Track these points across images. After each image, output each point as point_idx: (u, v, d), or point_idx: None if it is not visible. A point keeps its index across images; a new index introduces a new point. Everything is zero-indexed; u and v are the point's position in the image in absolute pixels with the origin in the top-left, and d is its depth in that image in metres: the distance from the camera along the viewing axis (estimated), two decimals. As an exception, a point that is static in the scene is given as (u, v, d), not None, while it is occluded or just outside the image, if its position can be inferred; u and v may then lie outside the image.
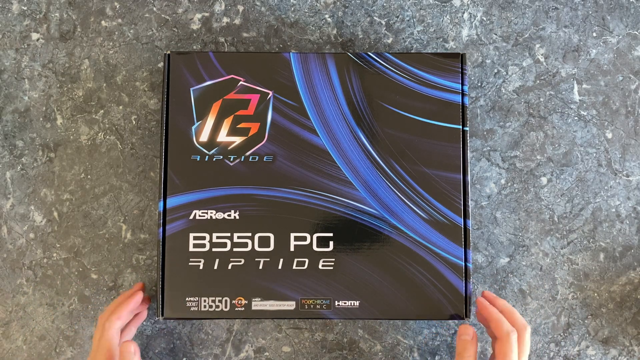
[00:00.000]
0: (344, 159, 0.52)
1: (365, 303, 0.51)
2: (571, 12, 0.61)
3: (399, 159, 0.52)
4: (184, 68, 0.53)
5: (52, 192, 0.58)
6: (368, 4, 0.61)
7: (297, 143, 0.52)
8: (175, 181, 0.52)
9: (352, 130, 0.53)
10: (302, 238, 0.51)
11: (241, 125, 0.53)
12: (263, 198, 0.52)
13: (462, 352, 0.48)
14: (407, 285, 0.51)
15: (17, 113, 0.59)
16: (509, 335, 0.47)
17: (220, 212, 0.52)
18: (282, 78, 0.53)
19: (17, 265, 0.58)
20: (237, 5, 0.61)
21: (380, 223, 0.52)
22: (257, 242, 0.51)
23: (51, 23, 0.60)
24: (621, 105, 0.60)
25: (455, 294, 0.51)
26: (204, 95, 0.53)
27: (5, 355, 0.57)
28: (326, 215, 0.52)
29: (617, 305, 0.58)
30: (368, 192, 0.52)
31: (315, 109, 0.53)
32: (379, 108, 0.53)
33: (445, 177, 0.52)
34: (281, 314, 0.51)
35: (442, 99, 0.53)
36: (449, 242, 0.51)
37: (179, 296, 0.51)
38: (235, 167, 0.52)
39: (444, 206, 0.52)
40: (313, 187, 0.52)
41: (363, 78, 0.53)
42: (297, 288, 0.51)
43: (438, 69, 0.53)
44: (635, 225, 0.59)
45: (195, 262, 0.51)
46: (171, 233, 0.51)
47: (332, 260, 0.51)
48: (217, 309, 0.50)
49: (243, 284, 0.51)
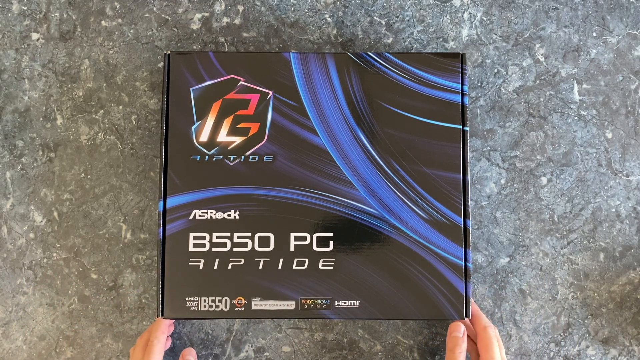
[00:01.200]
0: (344, 159, 0.52)
1: (365, 303, 0.51)
2: (571, 12, 0.61)
3: (399, 158, 0.52)
4: (184, 68, 0.53)
5: (52, 192, 0.58)
6: (368, 4, 0.61)
7: (297, 143, 0.52)
8: (175, 181, 0.52)
9: (352, 130, 0.53)
10: (302, 238, 0.51)
11: (241, 125, 0.53)
12: (263, 198, 0.52)
13: (453, 348, 0.50)
14: (407, 285, 0.51)
15: (17, 113, 0.59)
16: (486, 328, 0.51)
17: (220, 212, 0.52)
18: (282, 78, 0.53)
19: (17, 265, 0.58)
20: (237, 5, 0.61)
21: (380, 223, 0.52)
22: (257, 242, 0.51)
23: (51, 23, 0.60)
24: (621, 105, 0.60)
25: (455, 294, 0.51)
26: (204, 95, 0.53)
27: (5, 355, 0.57)
28: (326, 215, 0.52)
29: (617, 305, 0.58)
30: (368, 192, 0.52)
31: (315, 108, 0.53)
32: (379, 108, 0.53)
33: (445, 177, 0.52)
34: (281, 314, 0.51)
35: (442, 99, 0.53)
36: (448, 242, 0.51)
37: (179, 296, 0.51)
38: (235, 167, 0.52)
39: (444, 206, 0.52)
40: (313, 187, 0.52)
41: (363, 78, 0.53)
42: (297, 288, 0.51)
43: (438, 69, 0.53)
44: (635, 225, 0.59)
45: (195, 262, 0.51)
46: (171, 233, 0.51)
47: (332, 260, 0.51)
48: (217, 308, 0.50)
49: (243, 284, 0.51)
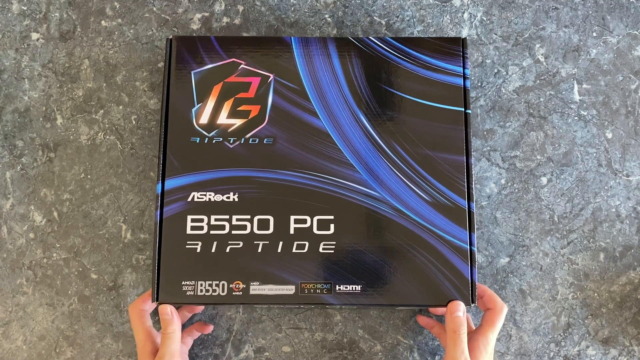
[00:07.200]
0: (345, 142, 0.52)
1: (367, 287, 0.49)
2: (571, 12, 0.61)
3: (401, 141, 0.52)
4: (185, 51, 0.53)
5: (52, 192, 0.58)
6: (368, 4, 0.61)
7: (297, 125, 0.52)
8: (174, 163, 0.51)
9: (353, 112, 0.52)
10: (302, 221, 0.50)
11: (242, 107, 0.52)
12: (263, 180, 0.51)
13: (457, 328, 0.48)
14: (411, 270, 0.50)
15: (17, 113, 0.59)
16: (503, 307, 0.51)
17: (219, 194, 0.51)
18: (283, 61, 0.53)
19: (17, 265, 0.58)
20: (237, 5, 0.61)
21: (382, 206, 0.51)
22: (256, 225, 0.50)
23: (51, 23, 0.60)
24: (621, 105, 0.60)
25: (461, 279, 0.49)
26: (205, 78, 0.52)
27: (5, 355, 0.57)
28: (327, 198, 0.51)
29: (617, 305, 0.58)
30: (370, 175, 0.51)
31: (316, 91, 0.52)
32: (381, 90, 0.52)
33: (448, 160, 0.51)
34: (280, 299, 0.49)
35: (444, 82, 0.52)
36: (452, 224, 0.50)
37: (175, 280, 0.49)
38: (235, 149, 0.52)
39: (448, 188, 0.51)
40: (314, 170, 0.51)
41: (364, 61, 0.53)
42: (297, 272, 0.50)
43: (440, 52, 0.53)
44: (635, 225, 0.59)
45: (193, 244, 0.50)
46: (168, 215, 0.50)
47: (333, 243, 0.50)
48: (214, 292, 0.49)
49: (241, 268, 0.49)
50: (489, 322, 0.50)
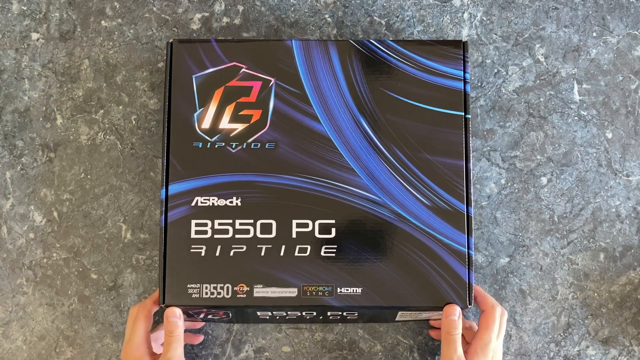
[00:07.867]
0: (346, 146, 0.52)
1: (368, 290, 0.50)
2: (571, 12, 0.61)
3: (401, 145, 0.52)
4: (186, 55, 0.53)
5: (52, 192, 0.58)
6: (368, 4, 0.61)
7: (299, 130, 0.52)
8: (177, 168, 0.51)
9: (354, 117, 0.52)
10: (304, 225, 0.51)
11: (243, 112, 0.52)
12: (265, 185, 0.51)
13: (450, 330, 0.49)
14: (410, 273, 0.50)
15: (17, 113, 0.59)
16: (494, 307, 0.51)
17: (222, 199, 0.51)
18: (285, 65, 0.53)
19: (17, 265, 0.58)
20: (237, 5, 0.61)
21: (382, 210, 0.51)
22: (259, 229, 0.51)
23: (51, 23, 0.60)
24: (621, 105, 0.60)
25: (459, 281, 0.50)
26: (206, 82, 0.52)
27: (5, 355, 0.57)
28: (328, 202, 0.51)
29: (617, 305, 0.58)
30: (370, 179, 0.52)
31: (317, 96, 0.53)
32: (381, 95, 0.52)
33: (447, 164, 0.52)
34: (283, 301, 0.50)
35: (444, 86, 0.52)
36: (451, 228, 0.51)
37: (181, 283, 0.50)
38: (237, 154, 0.52)
39: (447, 193, 0.51)
40: (315, 174, 0.51)
41: (365, 65, 0.53)
42: (299, 275, 0.50)
43: (440, 56, 0.53)
44: (635, 225, 0.59)
45: (197, 248, 0.50)
46: (173, 220, 0.51)
47: (334, 247, 0.51)
48: (219, 295, 0.50)
49: (245, 271, 0.50)
50: (483, 324, 0.51)
